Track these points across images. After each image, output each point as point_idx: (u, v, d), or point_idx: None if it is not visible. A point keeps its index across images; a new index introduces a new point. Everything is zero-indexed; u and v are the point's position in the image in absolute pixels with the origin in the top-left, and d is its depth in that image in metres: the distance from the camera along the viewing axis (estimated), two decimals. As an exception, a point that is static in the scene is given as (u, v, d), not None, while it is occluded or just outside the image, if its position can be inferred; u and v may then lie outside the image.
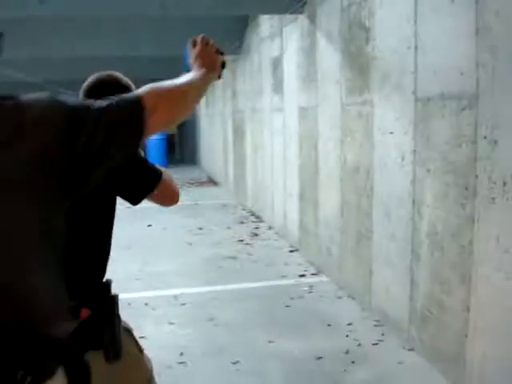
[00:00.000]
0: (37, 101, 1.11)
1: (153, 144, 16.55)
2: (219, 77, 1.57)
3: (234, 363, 3.24)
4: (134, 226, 7.36)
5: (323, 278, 4.83)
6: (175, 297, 4.44)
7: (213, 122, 12.42)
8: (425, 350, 3.19)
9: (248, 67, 8.01)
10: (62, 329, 1.09)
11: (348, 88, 4.20)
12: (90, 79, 1.84)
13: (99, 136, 1.12)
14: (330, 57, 4.56)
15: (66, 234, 1.16)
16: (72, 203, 1.16)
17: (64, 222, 1.14)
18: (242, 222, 7.48)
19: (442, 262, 3.00)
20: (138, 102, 1.19)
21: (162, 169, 1.85)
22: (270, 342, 3.53)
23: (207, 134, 13.83)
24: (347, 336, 3.58)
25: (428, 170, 3.09)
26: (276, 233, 6.62)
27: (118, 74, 1.86)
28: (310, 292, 4.51)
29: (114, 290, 4.90)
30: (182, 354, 3.38)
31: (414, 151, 3.23)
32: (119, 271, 5.16)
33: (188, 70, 1.49)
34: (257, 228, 7.04)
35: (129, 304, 4.30)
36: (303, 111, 5.38)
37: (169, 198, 1.88)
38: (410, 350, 3.31)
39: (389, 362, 3.20)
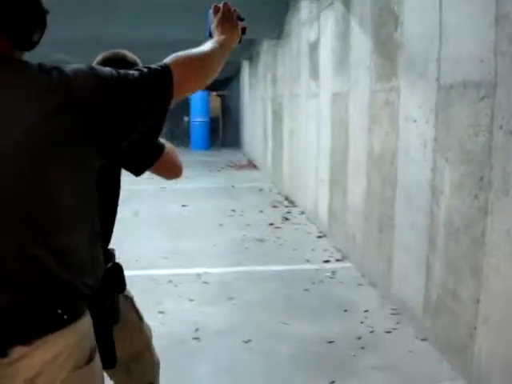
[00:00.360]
0: (79, 71, 1.20)
1: (196, 126, 16.74)
2: (240, 41, 1.65)
3: (245, 342, 3.31)
4: (168, 206, 7.53)
5: (347, 265, 4.83)
6: (199, 275, 4.54)
7: (255, 107, 12.46)
8: (437, 340, 3.18)
9: (287, 52, 8.00)
10: (93, 278, 1.25)
11: (377, 74, 4.16)
12: (98, 58, 1.91)
13: (133, 103, 1.24)
14: (361, 42, 4.52)
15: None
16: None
17: (94, 181, 1.27)
18: (275, 206, 7.53)
19: (456, 252, 2.97)
20: (166, 70, 1.30)
21: (166, 143, 1.90)
22: (283, 323, 3.58)
23: (249, 118, 13.89)
24: (362, 322, 3.59)
25: (447, 159, 3.06)
26: (307, 218, 6.64)
27: (125, 52, 1.92)
28: (332, 278, 4.52)
29: (140, 265, 5.00)
30: (197, 329, 3.48)
31: (435, 139, 3.20)
32: (149, 249, 5.34)
33: (211, 36, 1.58)
34: (289, 212, 7.08)
35: (153, 280, 4.44)
36: (335, 96, 5.36)
37: (171, 171, 1.93)
38: (422, 339, 3.30)
39: (399, 350, 3.20)
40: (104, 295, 1.40)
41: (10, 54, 1.17)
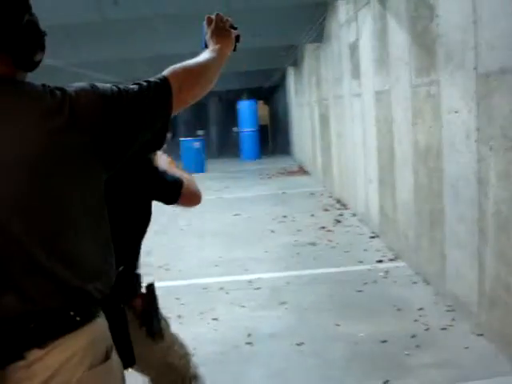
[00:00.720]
0: (81, 90, 1.25)
1: (246, 136, 16.86)
2: (234, 49, 1.68)
3: (298, 345, 3.31)
4: (221, 215, 7.62)
5: (400, 264, 4.76)
6: (250, 282, 4.57)
7: (302, 112, 12.46)
8: (493, 335, 3.09)
9: (329, 54, 7.98)
10: (105, 284, 1.29)
11: (416, 69, 4.11)
12: None
13: (134, 117, 1.29)
14: (399, 38, 4.47)
15: (106, 203, 1.33)
16: (111, 182, 1.34)
17: (103, 192, 1.31)
18: (326, 210, 7.49)
19: (507, 243, 2.89)
20: (164, 82, 1.35)
21: (182, 174, 1.98)
22: (336, 325, 3.56)
23: (297, 123, 13.90)
24: (416, 320, 3.53)
25: (491, 149, 2.98)
26: (359, 219, 6.58)
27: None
28: (385, 277, 4.47)
29: (192, 274, 5.09)
30: (249, 335, 3.50)
31: (478, 129, 3.12)
32: (200, 258, 5.43)
33: (206, 46, 1.62)
34: (340, 215, 7.03)
35: (204, 288, 4.51)
36: (378, 95, 5.31)
37: (191, 201, 2.03)
38: (478, 335, 3.21)
39: (455, 347, 3.13)
40: (116, 298, 1.43)
41: (14, 75, 1.23)
